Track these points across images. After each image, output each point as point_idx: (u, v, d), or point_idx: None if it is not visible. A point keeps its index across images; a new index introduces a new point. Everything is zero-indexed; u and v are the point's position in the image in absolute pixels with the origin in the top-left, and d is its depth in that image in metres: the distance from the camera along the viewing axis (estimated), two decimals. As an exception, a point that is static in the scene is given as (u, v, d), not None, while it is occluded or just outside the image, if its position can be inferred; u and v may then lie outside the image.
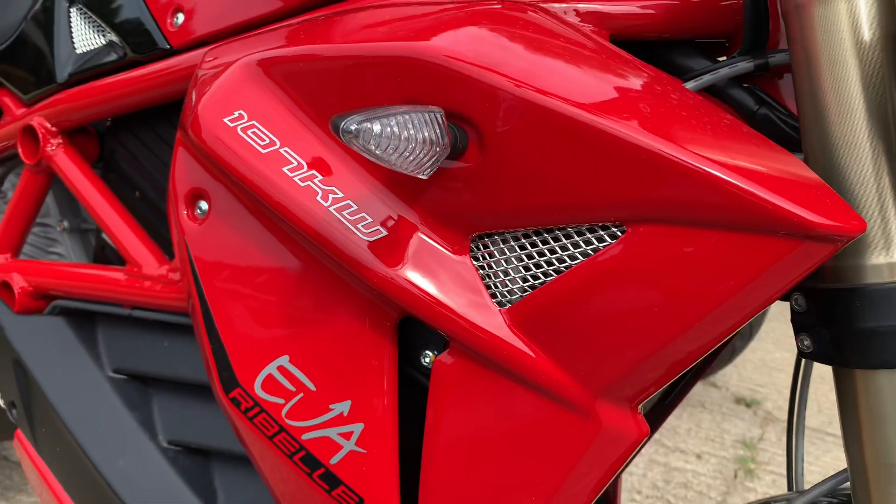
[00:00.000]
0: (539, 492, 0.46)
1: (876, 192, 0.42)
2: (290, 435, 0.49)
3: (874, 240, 0.42)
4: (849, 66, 0.42)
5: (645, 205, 0.37)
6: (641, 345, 0.40)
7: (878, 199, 0.42)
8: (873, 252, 0.42)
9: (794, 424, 0.71)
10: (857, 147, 0.42)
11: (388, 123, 0.33)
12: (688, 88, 0.46)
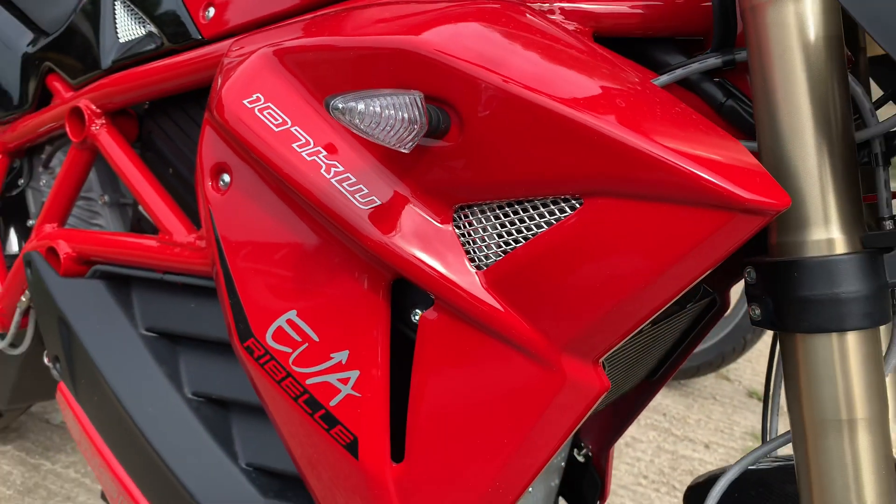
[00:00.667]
0: (510, 436, 0.52)
1: (818, 175, 0.48)
2: (296, 380, 0.56)
3: (815, 218, 0.47)
4: (796, 63, 0.48)
5: (597, 180, 0.43)
6: (597, 304, 0.46)
7: (819, 182, 0.48)
8: (813, 228, 0.48)
9: (769, 400, 0.76)
10: (802, 135, 0.48)
11: (371, 103, 0.39)
12: (653, 82, 0.52)
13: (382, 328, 0.53)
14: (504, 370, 0.50)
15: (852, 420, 0.48)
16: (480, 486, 0.53)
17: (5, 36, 0.96)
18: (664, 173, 0.41)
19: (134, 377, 0.75)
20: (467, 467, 0.53)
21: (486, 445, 0.52)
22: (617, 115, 0.43)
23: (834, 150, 0.48)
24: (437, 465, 0.54)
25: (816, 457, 0.49)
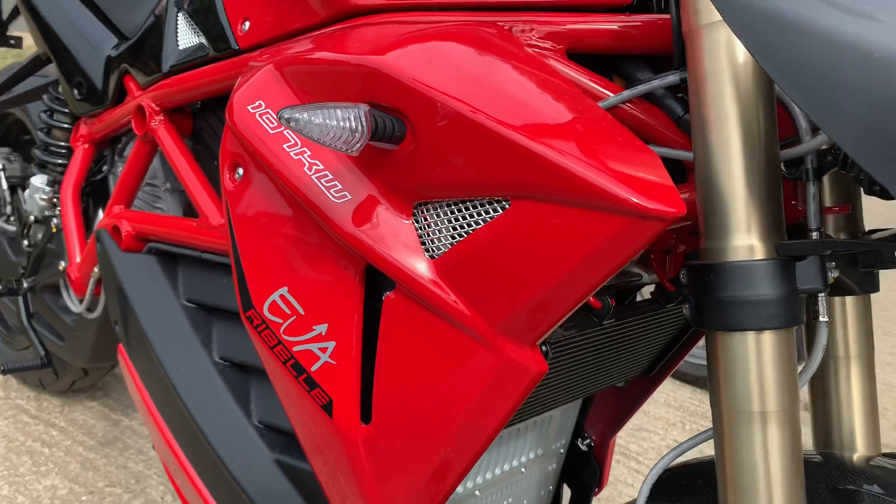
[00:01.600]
0: (459, 408, 0.59)
1: (742, 187, 0.52)
2: (285, 347, 0.65)
3: (737, 225, 0.52)
4: (725, 84, 0.52)
5: (519, 186, 0.49)
6: (523, 293, 0.52)
7: (743, 193, 0.52)
8: (735, 235, 0.52)
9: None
10: (729, 150, 0.52)
11: (314, 115, 0.47)
12: (616, 96, 0.57)
13: (356, 306, 0.61)
14: (452, 349, 0.57)
15: (765, 413, 0.52)
16: (435, 451, 0.61)
17: (93, 40, 1.10)
18: (570, 181, 0.47)
19: (173, 341, 0.86)
20: (424, 433, 0.61)
21: (439, 415, 0.60)
22: (539, 129, 0.49)
23: (758, 165, 0.52)
24: (398, 429, 0.62)
25: (731, 446, 0.54)
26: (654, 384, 0.94)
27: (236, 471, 0.78)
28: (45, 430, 1.58)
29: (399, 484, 0.63)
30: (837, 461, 0.67)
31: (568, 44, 0.63)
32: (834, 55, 0.42)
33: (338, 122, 0.47)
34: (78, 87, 1.11)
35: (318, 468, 0.70)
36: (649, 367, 0.91)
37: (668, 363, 0.92)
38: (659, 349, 0.89)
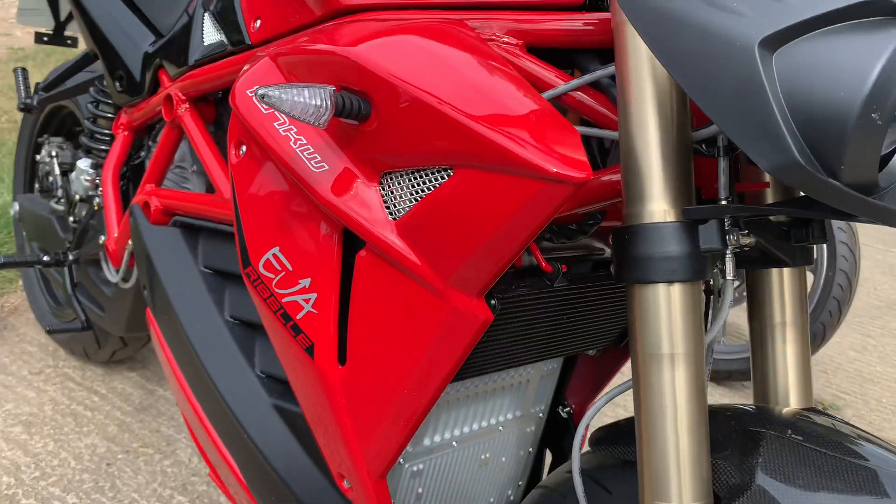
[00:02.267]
0: (418, 351, 0.68)
1: (658, 160, 0.60)
2: (276, 298, 0.75)
3: (651, 193, 0.61)
4: (644, 71, 0.61)
5: (459, 156, 0.59)
6: (465, 248, 0.61)
7: (659, 165, 0.60)
8: (649, 202, 0.61)
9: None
10: (647, 129, 0.61)
11: (285, 93, 0.57)
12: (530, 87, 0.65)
13: (335, 263, 0.71)
14: (411, 299, 0.67)
15: (673, 354, 0.61)
16: (399, 389, 0.70)
17: (134, 38, 1.23)
18: (498, 151, 0.56)
19: (191, 302, 0.97)
20: (390, 373, 0.70)
21: (402, 357, 0.69)
22: (477, 109, 0.58)
23: (671, 143, 0.60)
24: (369, 370, 0.71)
25: (645, 385, 0.62)
26: (625, 355, 1.02)
27: (240, 414, 0.89)
28: (88, 395, 1.73)
29: (370, 419, 0.73)
30: (769, 412, 0.74)
31: (526, 39, 0.72)
32: (707, 44, 0.50)
33: (305, 99, 0.57)
34: (119, 80, 1.24)
35: (305, 407, 0.80)
36: (619, 337, 0.99)
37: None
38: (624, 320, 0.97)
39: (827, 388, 2.11)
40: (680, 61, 0.51)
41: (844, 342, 2.38)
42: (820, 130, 0.47)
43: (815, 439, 0.66)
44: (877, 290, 2.81)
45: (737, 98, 0.49)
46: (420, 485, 0.91)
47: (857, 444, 0.65)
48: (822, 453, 0.63)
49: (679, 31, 0.51)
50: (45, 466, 1.49)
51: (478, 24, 0.71)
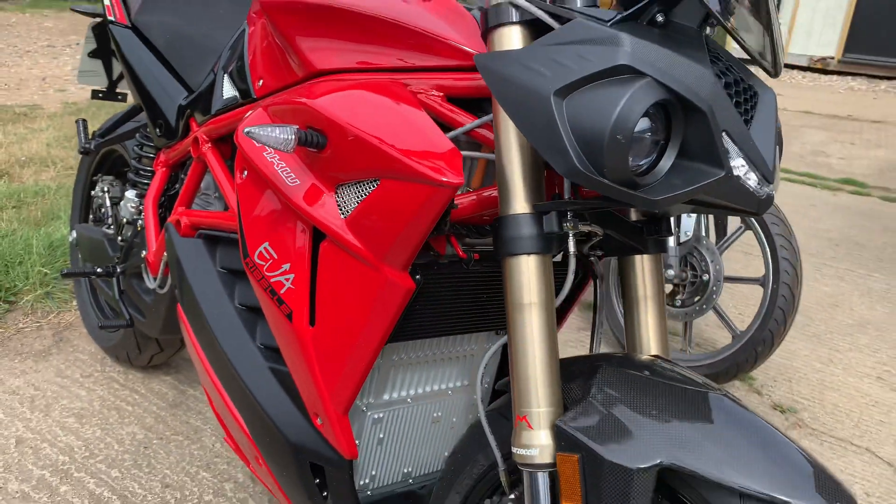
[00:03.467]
0: (363, 314, 0.96)
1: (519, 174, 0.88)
2: (266, 279, 1.04)
3: (514, 194, 0.87)
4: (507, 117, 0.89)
5: (380, 171, 0.87)
6: (388, 234, 0.89)
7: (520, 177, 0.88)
8: (513, 201, 0.88)
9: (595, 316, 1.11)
10: (511, 150, 0.88)
11: (262, 129, 0.86)
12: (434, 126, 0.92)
13: (308, 251, 1.00)
14: (356, 274, 0.95)
15: (531, 303, 0.87)
16: (352, 342, 0.98)
17: (171, 93, 1.55)
18: (404, 167, 0.85)
19: (210, 294, 1.26)
20: (345, 330, 0.98)
21: (352, 319, 0.97)
22: (393, 140, 0.87)
23: (528, 162, 0.87)
24: (330, 329, 0.99)
25: (513, 325, 0.88)
26: (565, 314, 1.27)
27: (245, 376, 1.17)
28: (130, 394, 2.02)
29: (332, 366, 1.01)
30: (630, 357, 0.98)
31: (447, 92, 1.00)
32: (525, 94, 0.78)
33: (275, 134, 0.87)
34: (159, 127, 1.57)
35: (288, 362, 1.08)
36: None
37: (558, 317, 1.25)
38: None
39: (788, 395, 2.31)
40: (513, 106, 0.79)
41: (812, 355, 2.58)
42: (590, 147, 0.74)
43: (652, 371, 0.91)
44: (852, 311, 3.00)
45: (542, 128, 0.76)
46: (381, 430, 1.18)
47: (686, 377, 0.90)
48: (651, 379, 0.88)
49: (509, 86, 0.79)
50: (94, 448, 1.78)
51: (412, 82, 1.00)
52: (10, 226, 2.87)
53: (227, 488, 1.68)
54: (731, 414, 0.83)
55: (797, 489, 0.74)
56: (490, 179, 1.05)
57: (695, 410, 0.83)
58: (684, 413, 0.82)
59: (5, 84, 6.47)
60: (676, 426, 0.81)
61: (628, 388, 0.87)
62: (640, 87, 0.73)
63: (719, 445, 0.78)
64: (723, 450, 0.78)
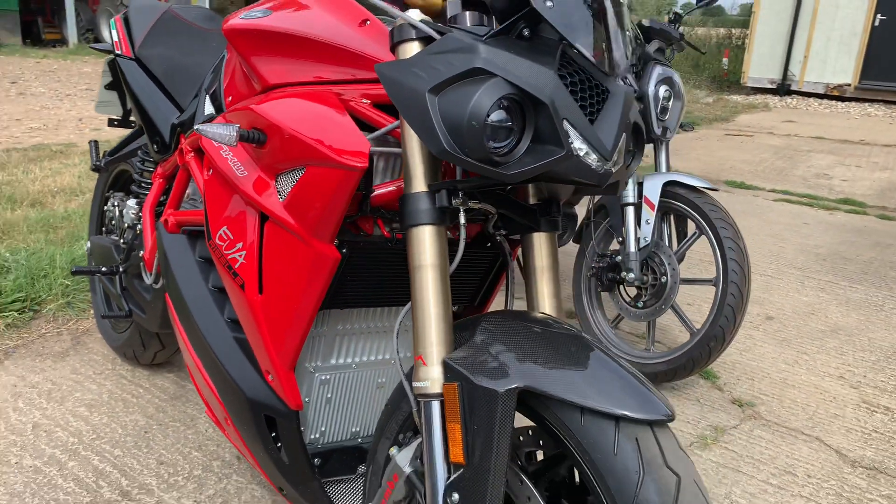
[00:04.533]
0: (299, 282, 1.16)
1: (420, 163, 1.08)
2: (224, 256, 1.25)
3: (416, 179, 1.08)
4: (411, 111, 1.10)
5: (306, 160, 1.09)
6: (315, 211, 1.10)
7: (420, 165, 1.08)
8: (414, 182, 1.08)
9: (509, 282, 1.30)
10: (413, 147, 1.09)
11: (209, 127, 1.08)
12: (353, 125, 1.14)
13: (256, 230, 1.21)
14: (292, 247, 1.15)
15: (428, 265, 1.06)
16: (291, 306, 1.18)
17: (166, 115, 1.80)
18: (323, 156, 1.06)
19: (190, 281, 1.48)
20: (286, 297, 1.18)
21: (291, 285, 1.17)
22: (318, 136, 1.08)
23: (424, 148, 1.08)
24: (274, 295, 1.20)
25: (416, 285, 1.07)
26: (481, 310, 1.46)
27: (214, 346, 1.37)
28: (135, 388, 2.24)
29: (278, 328, 1.21)
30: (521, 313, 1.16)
31: (374, 100, 1.21)
32: (409, 92, 0.98)
33: (219, 131, 1.09)
34: (156, 144, 1.81)
35: (245, 329, 1.28)
36: (472, 296, 1.44)
37: (486, 295, 1.44)
38: (475, 283, 1.42)
39: (749, 391, 2.44)
40: (402, 102, 1.00)
41: (779, 357, 2.71)
42: (454, 132, 0.94)
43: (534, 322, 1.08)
44: (826, 318, 3.11)
45: (421, 118, 0.97)
46: (328, 391, 1.37)
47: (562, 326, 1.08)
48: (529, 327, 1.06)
49: (399, 87, 1.00)
50: (100, 432, 1.99)
51: (346, 92, 1.21)
52: (38, 244, 3.15)
53: (215, 465, 1.88)
54: (585, 350, 1.00)
55: (625, 404, 0.92)
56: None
57: (556, 348, 1.01)
58: (547, 350, 1.00)
59: (45, 125, 6.89)
60: (538, 359, 0.99)
61: (508, 333, 1.05)
62: (490, 84, 0.93)
63: (569, 373, 0.96)
64: (571, 376, 0.95)
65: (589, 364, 0.98)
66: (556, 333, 1.04)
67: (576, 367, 0.97)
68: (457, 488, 0.98)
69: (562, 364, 0.98)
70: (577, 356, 0.99)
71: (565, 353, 1.00)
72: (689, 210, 2.33)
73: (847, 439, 2.18)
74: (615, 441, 0.90)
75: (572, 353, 1.00)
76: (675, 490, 0.87)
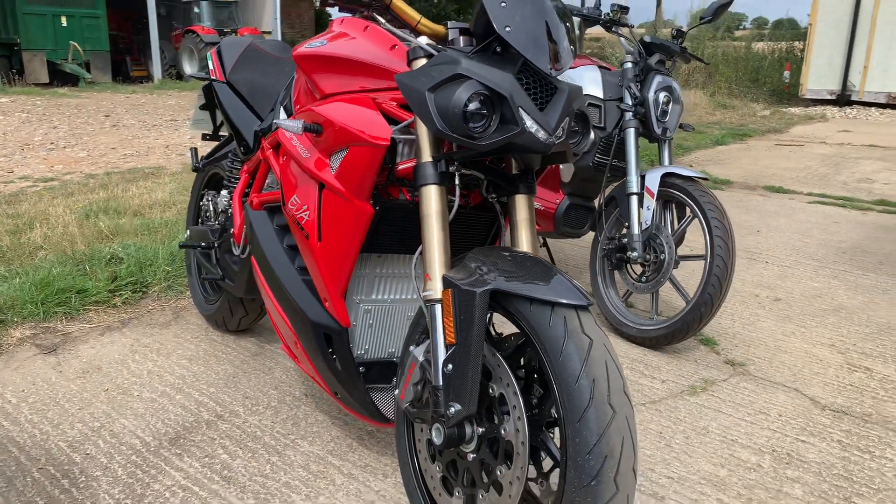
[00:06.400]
0: (347, 231, 1.64)
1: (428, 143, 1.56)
2: (295, 217, 1.75)
3: (425, 153, 1.55)
4: (421, 107, 1.58)
5: (349, 143, 1.57)
6: (354, 178, 1.58)
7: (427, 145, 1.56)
8: (424, 155, 1.55)
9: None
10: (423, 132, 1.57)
11: (283, 122, 1.57)
12: (382, 119, 1.62)
13: (316, 196, 1.70)
14: (340, 205, 1.64)
15: (432, 213, 1.53)
16: (340, 250, 1.66)
17: (250, 123, 2.33)
18: (360, 138, 1.54)
19: (269, 242, 1.98)
20: (337, 242, 1.67)
21: (341, 235, 1.66)
22: (357, 126, 1.56)
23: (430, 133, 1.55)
24: (329, 242, 1.68)
25: (422, 229, 1.54)
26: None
27: (290, 288, 1.86)
28: (224, 348, 2.77)
29: (331, 266, 1.69)
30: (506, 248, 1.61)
31: (399, 101, 1.70)
32: (416, 92, 1.45)
33: (291, 125, 1.58)
34: (243, 146, 2.34)
35: (309, 270, 1.77)
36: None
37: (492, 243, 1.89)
38: (477, 243, 1.87)
39: (743, 355, 2.78)
40: (412, 99, 1.47)
41: (778, 330, 3.04)
42: (444, 117, 1.41)
43: (510, 253, 1.53)
44: (832, 300, 3.41)
45: (423, 109, 1.44)
46: (370, 319, 1.85)
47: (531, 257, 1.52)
48: (504, 254, 1.51)
49: (410, 89, 1.47)
50: (198, 377, 2.52)
51: (379, 97, 1.70)
52: (143, 242, 3.76)
53: (288, 399, 2.37)
54: (541, 267, 1.44)
55: (559, 295, 1.35)
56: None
57: (520, 267, 1.45)
58: (514, 268, 1.45)
59: (137, 151, 7.70)
60: (506, 273, 1.43)
61: (489, 259, 1.50)
62: (467, 84, 1.39)
63: (525, 280, 1.40)
64: (526, 281, 1.39)
65: (540, 274, 1.42)
66: (522, 258, 1.49)
67: (531, 276, 1.41)
68: (451, 360, 1.43)
69: (522, 276, 1.42)
70: (533, 270, 1.43)
71: (525, 269, 1.44)
72: (683, 196, 2.72)
73: (823, 391, 2.51)
74: (550, 318, 1.33)
75: (530, 268, 1.44)
76: (588, 347, 1.30)
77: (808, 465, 2.04)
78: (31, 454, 2.02)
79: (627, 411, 1.27)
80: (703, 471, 2.00)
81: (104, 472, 1.95)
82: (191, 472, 1.95)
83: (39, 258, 3.56)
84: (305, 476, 1.94)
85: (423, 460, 1.61)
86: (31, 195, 5.16)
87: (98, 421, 2.22)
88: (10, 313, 2.91)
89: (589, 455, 1.22)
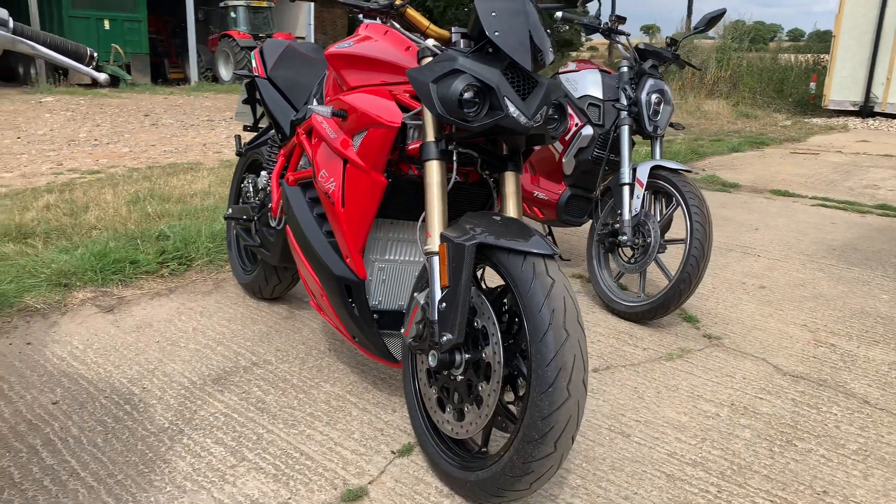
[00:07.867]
0: (362, 197, 2.01)
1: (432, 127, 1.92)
2: (324, 187, 2.11)
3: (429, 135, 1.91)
4: (428, 97, 1.95)
5: (368, 125, 1.94)
6: (371, 154, 1.95)
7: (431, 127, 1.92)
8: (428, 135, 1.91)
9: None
10: (427, 118, 1.93)
11: (315, 108, 1.93)
12: (395, 105, 1.98)
13: (341, 170, 2.06)
14: (360, 176, 2.00)
15: (433, 183, 1.88)
16: (360, 214, 2.03)
17: (287, 114, 2.71)
18: (378, 120, 1.90)
19: (302, 212, 2.35)
20: (357, 208, 2.03)
21: (360, 201, 2.02)
22: (374, 111, 1.93)
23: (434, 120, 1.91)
24: (351, 207, 2.05)
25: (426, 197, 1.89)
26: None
27: (317, 248, 2.23)
28: (259, 312, 3.15)
29: (352, 228, 2.06)
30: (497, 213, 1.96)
31: (412, 93, 2.06)
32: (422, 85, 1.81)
33: (322, 110, 1.95)
34: (281, 133, 2.72)
35: (334, 232, 2.14)
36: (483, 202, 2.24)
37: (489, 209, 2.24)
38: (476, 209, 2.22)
39: (720, 330, 3.08)
40: (418, 88, 1.83)
41: (757, 312, 3.34)
42: (443, 104, 1.77)
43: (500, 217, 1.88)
44: (813, 288, 3.69)
45: (427, 98, 1.80)
46: (383, 275, 2.21)
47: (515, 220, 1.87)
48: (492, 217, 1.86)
49: (418, 82, 1.83)
50: (236, 334, 2.90)
51: (395, 89, 2.07)
52: (187, 223, 4.18)
53: (314, 352, 2.74)
54: (520, 226, 1.78)
55: (532, 247, 1.69)
56: (433, 136, 2.09)
57: (503, 226, 1.80)
58: (498, 227, 1.79)
59: (176, 148, 8.17)
60: (491, 230, 1.78)
61: (479, 221, 1.85)
62: (462, 77, 1.75)
63: (507, 236, 1.75)
64: (506, 236, 1.74)
65: (519, 232, 1.76)
66: (507, 220, 1.84)
67: (511, 233, 1.76)
68: (444, 299, 1.78)
69: (504, 233, 1.77)
70: (513, 229, 1.78)
71: (507, 229, 1.79)
72: (668, 186, 3.04)
73: (787, 361, 2.81)
74: (522, 264, 1.68)
75: (511, 228, 1.79)
76: (550, 286, 1.64)
77: (760, 416, 2.35)
78: (98, 386, 2.41)
79: (579, 335, 1.61)
80: (668, 417, 2.33)
81: (158, 401, 2.33)
82: (231, 403, 2.33)
83: (95, 235, 3.99)
84: (327, 409, 2.31)
85: (422, 386, 1.97)
86: (82, 184, 5.62)
87: (152, 364, 2.60)
88: (73, 279, 3.33)
89: (547, 367, 1.56)
